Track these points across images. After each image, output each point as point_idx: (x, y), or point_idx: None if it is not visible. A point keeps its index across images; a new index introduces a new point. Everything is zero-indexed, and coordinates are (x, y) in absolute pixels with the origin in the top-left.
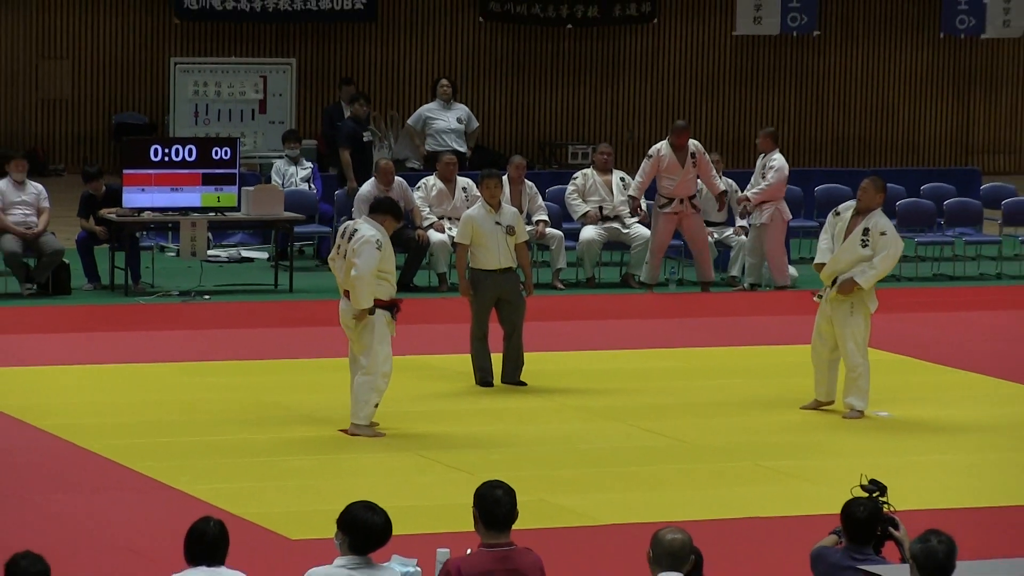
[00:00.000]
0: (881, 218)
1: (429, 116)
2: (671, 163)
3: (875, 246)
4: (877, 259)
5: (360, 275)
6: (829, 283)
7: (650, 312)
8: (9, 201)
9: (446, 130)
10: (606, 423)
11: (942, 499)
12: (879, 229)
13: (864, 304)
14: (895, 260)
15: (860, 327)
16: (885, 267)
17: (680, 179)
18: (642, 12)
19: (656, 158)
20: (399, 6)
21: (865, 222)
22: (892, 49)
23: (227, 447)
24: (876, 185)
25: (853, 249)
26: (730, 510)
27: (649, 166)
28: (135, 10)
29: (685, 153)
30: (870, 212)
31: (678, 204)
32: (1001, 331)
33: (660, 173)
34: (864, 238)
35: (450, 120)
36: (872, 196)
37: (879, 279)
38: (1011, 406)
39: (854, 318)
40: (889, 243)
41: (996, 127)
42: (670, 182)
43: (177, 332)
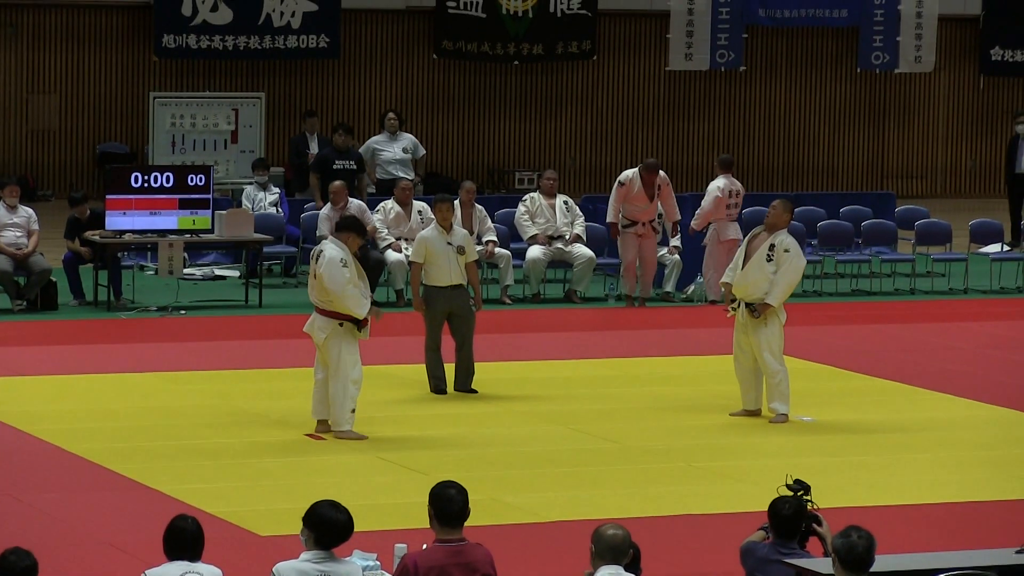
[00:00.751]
0: (787, 237)
1: (376, 148)
2: (639, 194)
3: (779, 262)
4: (778, 277)
5: (337, 293)
6: (739, 298)
7: (591, 325)
8: (2, 224)
9: (392, 160)
10: (551, 427)
11: (861, 497)
12: (784, 246)
13: (775, 315)
14: (798, 274)
15: (774, 336)
16: (788, 282)
17: (646, 208)
18: (582, 50)
19: (627, 185)
20: (360, 45)
21: (772, 238)
22: (813, 83)
23: (202, 450)
24: (785, 206)
25: (759, 264)
26: (665, 508)
27: (620, 192)
28: (118, 49)
29: (653, 188)
30: (777, 230)
31: (641, 227)
32: (914, 342)
33: (628, 199)
34: (770, 253)
35: (395, 151)
36: (780, 215)
37: (787, 295)
38: (923, 410)
39: (768, 329)
40: (792, 259)
41: (909, 154)
42: (636, 209)
43: (156, 344)
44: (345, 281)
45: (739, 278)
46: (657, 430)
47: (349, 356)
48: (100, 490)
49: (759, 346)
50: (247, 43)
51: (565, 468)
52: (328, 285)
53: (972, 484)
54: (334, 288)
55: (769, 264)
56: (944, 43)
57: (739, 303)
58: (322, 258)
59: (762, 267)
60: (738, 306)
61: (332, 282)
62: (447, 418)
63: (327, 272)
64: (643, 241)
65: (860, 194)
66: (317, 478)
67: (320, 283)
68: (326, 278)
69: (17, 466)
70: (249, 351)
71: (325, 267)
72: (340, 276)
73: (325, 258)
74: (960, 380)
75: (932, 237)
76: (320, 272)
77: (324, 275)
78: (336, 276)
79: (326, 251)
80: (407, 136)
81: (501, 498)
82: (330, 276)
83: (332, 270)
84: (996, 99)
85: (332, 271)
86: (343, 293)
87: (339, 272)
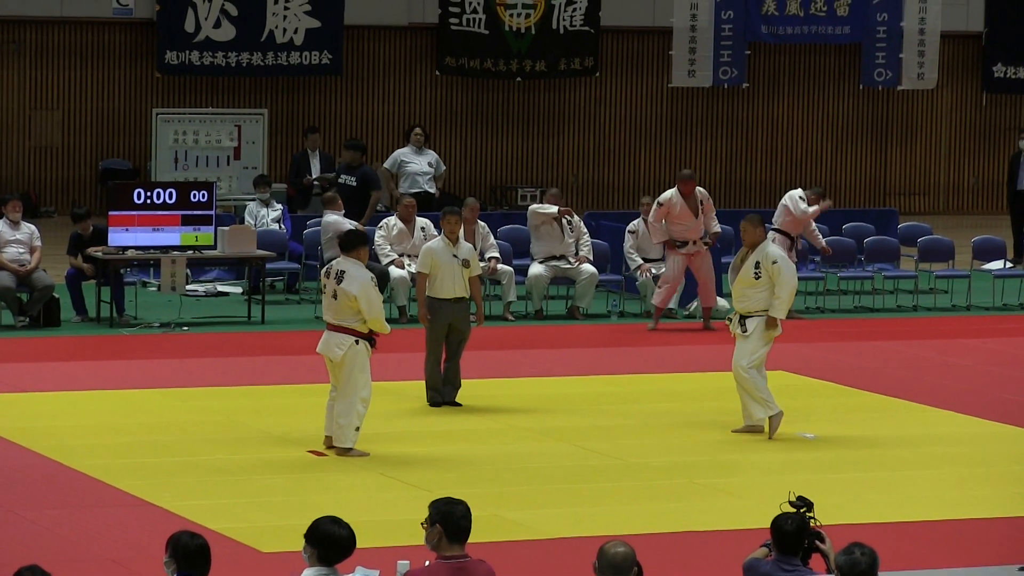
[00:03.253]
0: (769, 248)
1: (404, 160)
2: (683, 211)
3: (771, 274)
4: (777, 291)
5: (376, 316)
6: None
7: (593, 342)
8: (4, 240)
9: (418, 172)
10: (553, 443)
11: (864, 514)
12: (770, 259)
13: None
14: (793, 280)
15: (754, 347)
16: (788, 293)
17: (693, 225)
18: (585, 66)
19: (667, 205)
20: (363, 61)
21: (755, 256)
22: (815, 100)
23: (205, 467)
24: (753, 222)
25: (747, 279)
26: (667, 524)
27: (659, 213)
28: (120, 65)
29: (695, 200)
30: (756, 246)
31: (692, 245)
32: (917, 359)
33: (671, 219)
34: (756, 271)
35: (422, 164)
36: (752, 232)
37: (790, 303)
38: (926, 427)
39: (750, 340)
40: (782, 270)
41: (911, 171)
42: (682, 227)
43: (158, 361)
44: (379, 301)
45: (734, 297)
46: (659, 447)
47: (362, 375)
48: (102, 507)
49: (738, 354)
50: (250, 59)
51: (567, 485)
52: (365, 307)
53: (975, 501)
54: (374, 311)
55: (758, 281)
56: (947, 60)
57: (735, 316)
58: (348, 279)
59: (750, 282)
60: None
61: (371, 305)
62: (449, 434)
63: (364, 296)
64: (695, 259)
65: (863, 211)
66: (319, 494)
67: (342, 303)
68: (363, 302)
69: (19, 482)
70: (251, 367)
71: (361, 292)
72: (376, 297)
73: (356, 281)
74: (963, 397)
75: (935, 254)
76: (356, 296)
77: (362, 300)
78: (374, 298)
79: (351, 273)
80: (431, 152)
81: (503, 514)
82: (368, 300)
83: (369, 293)
84: (998, 116)
85: (369, 294)
86: (381, 314)
87: (375, 293)
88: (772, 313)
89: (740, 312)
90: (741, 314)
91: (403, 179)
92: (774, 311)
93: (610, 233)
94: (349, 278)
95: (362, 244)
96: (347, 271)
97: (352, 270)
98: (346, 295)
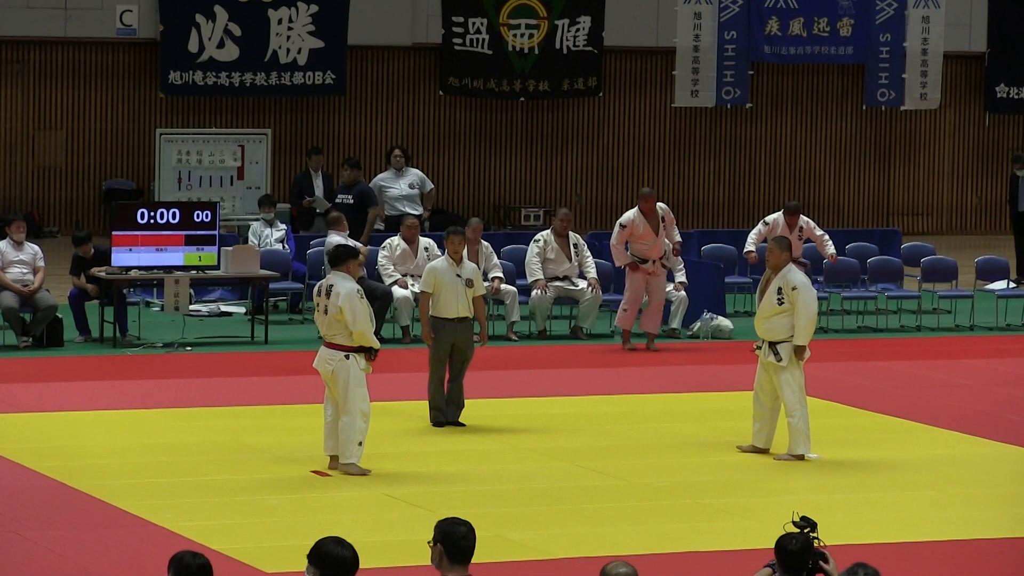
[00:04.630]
0: (790, 274)
1: (382, 184)
2: (645, 230)
3: (792, 300)
4: (797, 317)
5: (361, 328)
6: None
7: (596, 362)
8: (8, 260)
9: (398, 197)
10: (556, 463)
11: (868, 534)
12: (790, 285)
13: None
14: (814, 306)
15: (795, 376)
16: (808, 319)
17: (653, 244)
18: (588, 86)
19: (630, 227)
20: (366, 81)
21: (777, 281)
22: (818, 119)
23: (208, 486)
24: (780, 246)
25: (771, 306)
26: (671, 544)
27: (622, 235)
28: (124, 85)
29: (656, 218)
30: (780, 270)
31: (651, 264)
32: (921, 379)
33: (634, 239)
34: (779, 296)
35: (402, 187)
36: (778, 256)
37: (812, 330)
38: (930, 447)
39: (789, 369)
40: (802, 295)
41: (915, 191)
42: (644, 246)
43: (162, 381)
44: (367, 315)
45: (757, 321)
46: (663, 467)
47: (358, 388)
48: (105, 527)
49: (780, 385)
50: (253, 80)
51: (570, 505)
52: (349, 317)
53: (979, 521)
54: (359, 322)
55: (781, 307)
56: (949, 80)
57: (763, 343)
58: (335, 293)
59: (774, 309)
60: (761, 345)
61: (355, 315)
62: (452, 454)
63: (348, 306)
64: (652, 279)
65: (866, 231)
66: (323, 514)
67: (332, 317)
68: (348, 311)
69: (23, 503)
70: (255, 387)
71: (345, 301)
72: (361, 309)
73: (342, 293)
74: (966, 417)
75: (938, 274)
76: (340, 306)
77: (346, 309)
78: (359, 310)
79: (338, 286)
80: (414, 171)
81: (506, 535)
82: (352, 310)
83: (353, 303)
84: (1001, 136)
85: (354, 305)
86: (366, 327)
87: (360, 305)
88: (795, 341)
89: (767, 339)
90: (769, 341)
91: (386, 204)
92: (796, 339)
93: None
94: (336, 291)
95: (351, 257)
96: (335, 285)
97: (339, 284)
98: (334, 307)
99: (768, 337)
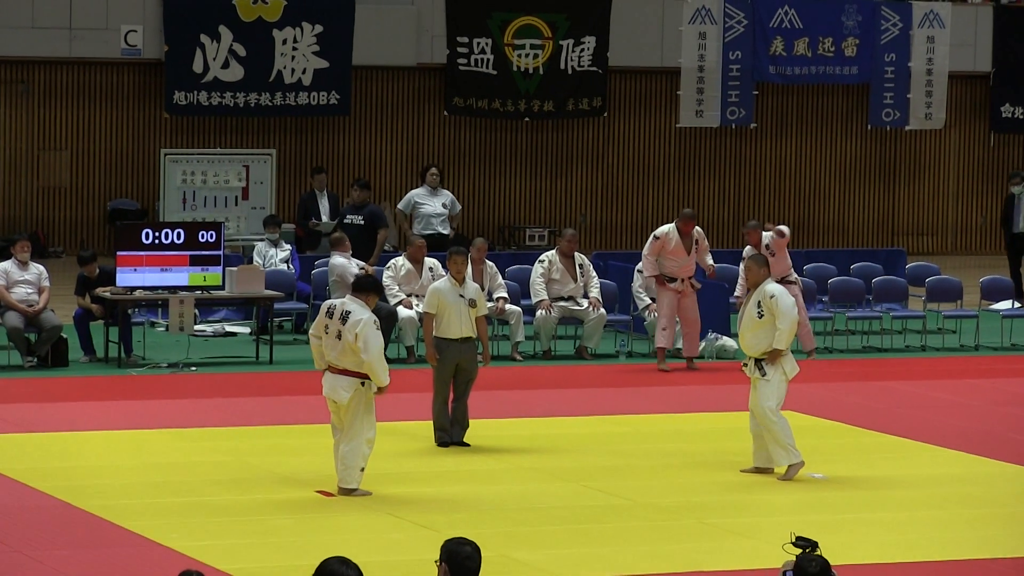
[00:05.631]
0: (768, 285)
1: (418, 201)
2: (677, 247)
3: (770, 308)
4: (778, 323)
5: (372, 359)
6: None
7: (601, 382)
8: (13, 280)
9: (432, 214)
10: (561, 484)
11: (873, 554)
12: (767, 295)
13: (780, 369)
14: (792, 312)
15: (774, 390)
16: (788, 324)
17: (685, 263)
18: (593, 106)
19: (663, 240)
20: (371, 101)
21: (756, 295)
22: (823, 140)
23: (213, 507)
24: (757, 262)
25: (751, 320)
26: (676, 565)
27: (655, 247)
28: (128, 106)
29: (691, 240)
30: (758, 286)
31: (680, 283)
32: (925, 399)
33: (665, 254)
34: (758, 310)
35: (436, 205)
36: (756, 272)
37: (792, 335)
38: (935, 467)
39: (770, 383)
40: (780, 302)
41: (919, 211)
42: (675, 264)
43: (166, 401)
44: (381, 347)
45: (740, 338)
46: (668, 487)
47: (368, 416)
48: (110, 546)
49: (758, 398)
50: (258, 100)
51: (575, 525)
52: (363, 346)
53: (983, 541)
54: (372, 354)
55: (761, 320)
56: (954, 100)
57: (749, 360)
58: (353, 321)
59: (755, 323)
60: (748, 363)
61: (369, 346)
62: (457, 475)
63: (365, 335)
64: (683, 299)
65: (871, 251)
66: (327, 535)
67: (348, 345)
68: (362, 340)
69: (28, 523)
70: (259, 408)
71: (362, 330)
72: (377, 341)
73: (360, 321)
74: (972, 437)
75: (943, 294)
76: (359, 334)
77: (362, 337)
78: (374, 341)
79: (356, 313)
80: (446, 192)
81: (511, 555)
82: (367, 340)
83: (369, 333)
84: (1006, 156)
85: (370, 335)
86: (379, 360)
87: (376, 336)
88: (775, 345)
89: (753, 356)
90: (755, 357)
91: (417, 220)
92: (776, 343)
93: (618, 273)
94: (354, 319)
95: (375, 292)
96: (353, 312)
97: (358, 311)
98: (350, 334)
99: (753, 353)
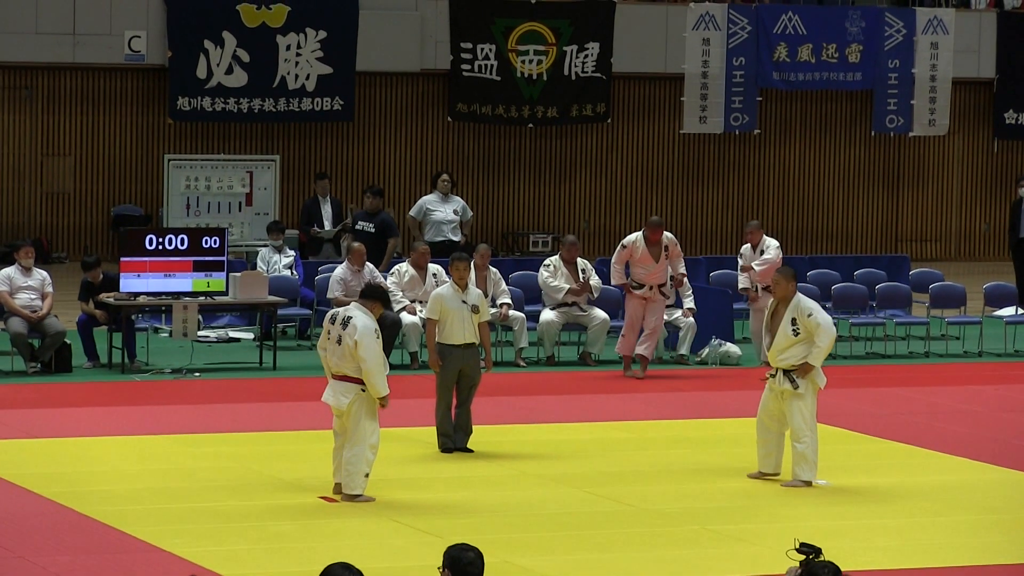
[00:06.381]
0: (803, 302)
1: (429, 207)
2: (644, 255)
3: (808, 328)
4: (817, 339)
5: (370, 368)
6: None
7: (605, 388)
8: (17, 286)
9: (443, 221)
10: (564, 490)
11: (878, 560)
12: (805, 312)
13: (812, 381)
14: (831, 331)
15: (808, 404)
16: (826, 343)
17: (653, 270)
18: (597, 113)
19: (630, 248)
20: (375, 107)
21: (790, 312)
22: (827, 146)
23: (216, 513)
24: (786, 275)
25: (786, 338)
26: (679, 571)
27: (622, 255)
28: (132, 112)
29: (659, 248)
30: (789, 301)
31: (648, 290)
32: (929, 405)
33: (634, 261)
34: (794, 327)
35: (447, 212)
36: (785, 287)
37: (827, 353)
38: (939, 474)
39: (803, 397)
40: (819, 321)
41: (923, 217)
42: (643, 271)
43: (170, 407)
44: (379, 355)
45: (772, 354)
46: (671, 493)
47: (370, 423)
48: (114, 552)
49: (791, 411)
50: (262, 106)
51: (579, 531)
52: (362, 353)
53: (988, 547)
54: (370, 362)
55: (797, 337)
56: (958, 107)
57: (777, 371)
58: (352, 326)
59: (790, 340)
60: (775, 373)
61: (368, 354)
62: (460, 480)
63: (363, 343)
64: (648, 305)
65: (874, 257)
66: (331, 541)
67: (348, 351)
68: (362, 348)
69: (31, 528)
70: (263, 413)
71: (361, 337)
72: (376, 348)
73: (358, 328)
74: (975, 443)
75: (946, 300)
76: (357, 340)
77: (360, 345)
78: (373, 348)
79: (357, 320)
80: (457, 199)
81: (514, 561)
82: (366, 348)
83: (368, 341)
84: (1010, 162)
85: (368, 343)
86: (377, 368)
87: (375, 344)
88: (809, 360)
89: (781, 368)
90: (784, 369)
91: (428, 227)
92: (811, 358)
93: None
94: (353, 324)
95: (380, 300)
96: (354, 318)
97: (359, 317)
98: (349, 339)
99: (782, 365)
